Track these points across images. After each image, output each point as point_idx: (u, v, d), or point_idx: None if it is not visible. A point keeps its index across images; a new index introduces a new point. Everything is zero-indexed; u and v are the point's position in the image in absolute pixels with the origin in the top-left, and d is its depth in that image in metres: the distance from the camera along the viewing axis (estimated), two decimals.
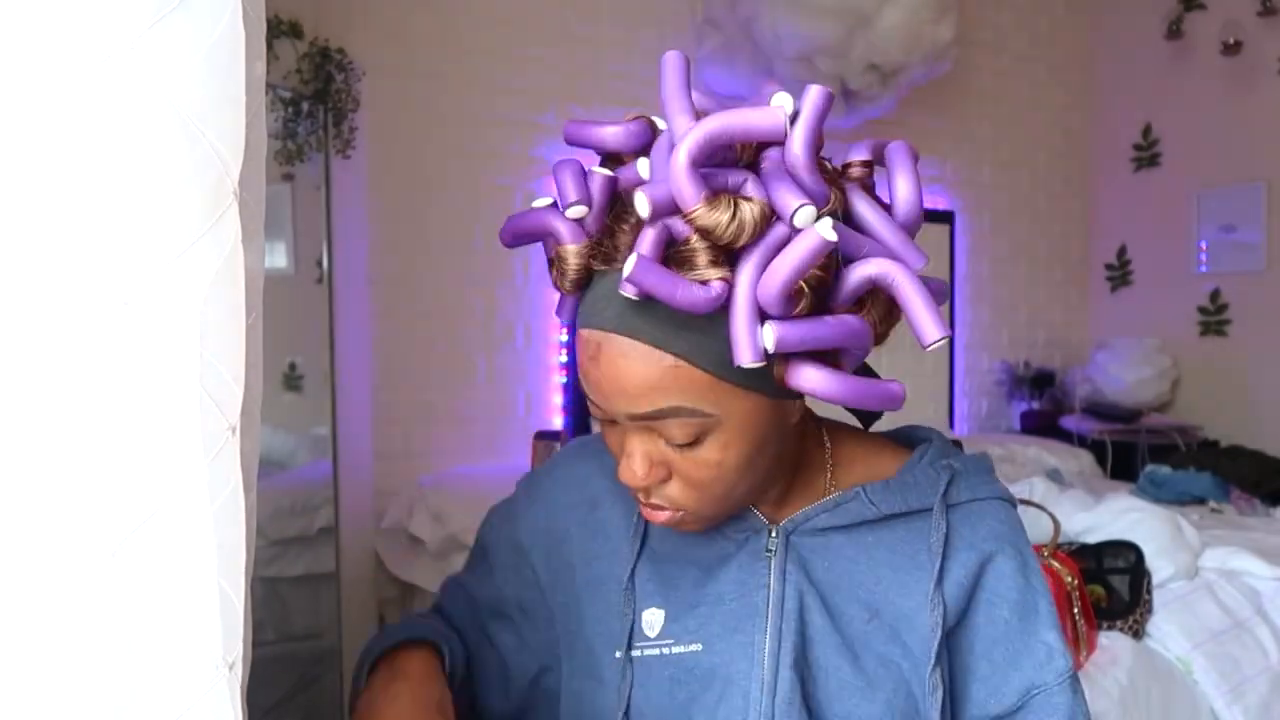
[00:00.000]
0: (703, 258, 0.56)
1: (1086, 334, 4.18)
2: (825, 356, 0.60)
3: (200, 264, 0.43)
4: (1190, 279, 3.83)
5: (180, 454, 0.43)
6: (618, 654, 0.71)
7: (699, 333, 0.59)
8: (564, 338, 2.90)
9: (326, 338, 2.39)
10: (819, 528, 0.70)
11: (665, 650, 0.70)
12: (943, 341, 0.57)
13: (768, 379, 0.61)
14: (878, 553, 0.70)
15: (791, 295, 0.56)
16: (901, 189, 0.62)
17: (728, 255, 0.57)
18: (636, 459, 0.63)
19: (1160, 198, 3.92)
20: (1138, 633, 1.83)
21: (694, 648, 0.69)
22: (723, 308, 0.57)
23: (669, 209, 0.56)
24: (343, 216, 2.41)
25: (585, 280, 0.61)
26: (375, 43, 2.53)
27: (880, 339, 0.64)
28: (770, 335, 0.56)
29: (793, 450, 0.71)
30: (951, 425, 3.77)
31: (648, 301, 0.57)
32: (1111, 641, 1.79)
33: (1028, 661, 0.70)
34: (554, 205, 0.62)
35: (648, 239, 0.56)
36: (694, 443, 0.62)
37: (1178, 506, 2.61)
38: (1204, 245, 3.79)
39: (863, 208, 0.61)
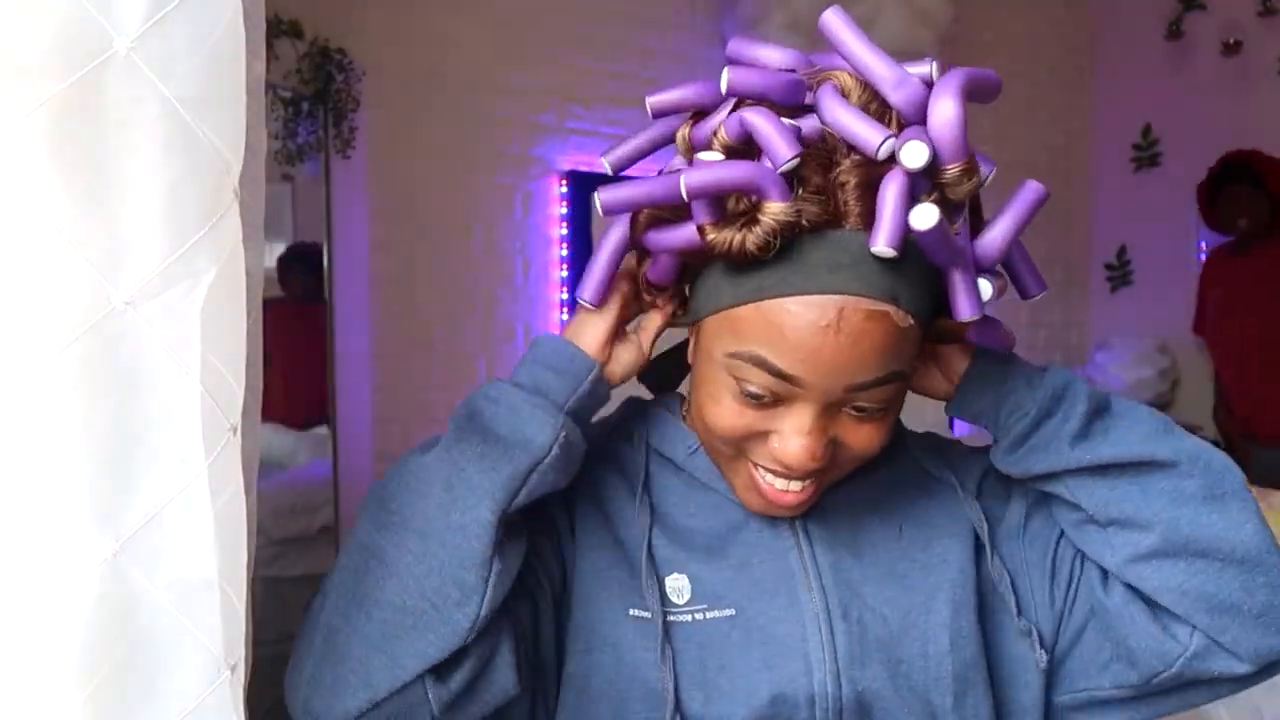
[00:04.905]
0: None
1: (1086, 334, 4.18)
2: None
3: (201, 264, 0.43)
4: (1190, 279, 3.82)
5: (182, 455, 0.43)
6: (632, 611, 0.66)
7: (919, 291, 0.58)
8: None
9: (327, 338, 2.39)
10: None
11: (697, 616, 0.67)
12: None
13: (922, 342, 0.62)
14: (893, 485, 0.71)
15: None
16: None
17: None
18: (820, 438, 0.60)
19: (1160, 198, 3.92)
20: None
21: (727, 612, 0.66)
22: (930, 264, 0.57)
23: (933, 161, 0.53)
24: (343, 217, 2.41)
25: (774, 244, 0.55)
26: (375, 43, 2.53)
27: None
28: (989, 288, 0.58)
29: None
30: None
31: (890, 261, 0.55)
32: None
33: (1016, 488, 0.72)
34: (746, 161, 0.56)
35: (898, 192, 0.52)
36: (882, 410, 0.60)
37: None
38: (1204, 245, 3.79)
39: None
